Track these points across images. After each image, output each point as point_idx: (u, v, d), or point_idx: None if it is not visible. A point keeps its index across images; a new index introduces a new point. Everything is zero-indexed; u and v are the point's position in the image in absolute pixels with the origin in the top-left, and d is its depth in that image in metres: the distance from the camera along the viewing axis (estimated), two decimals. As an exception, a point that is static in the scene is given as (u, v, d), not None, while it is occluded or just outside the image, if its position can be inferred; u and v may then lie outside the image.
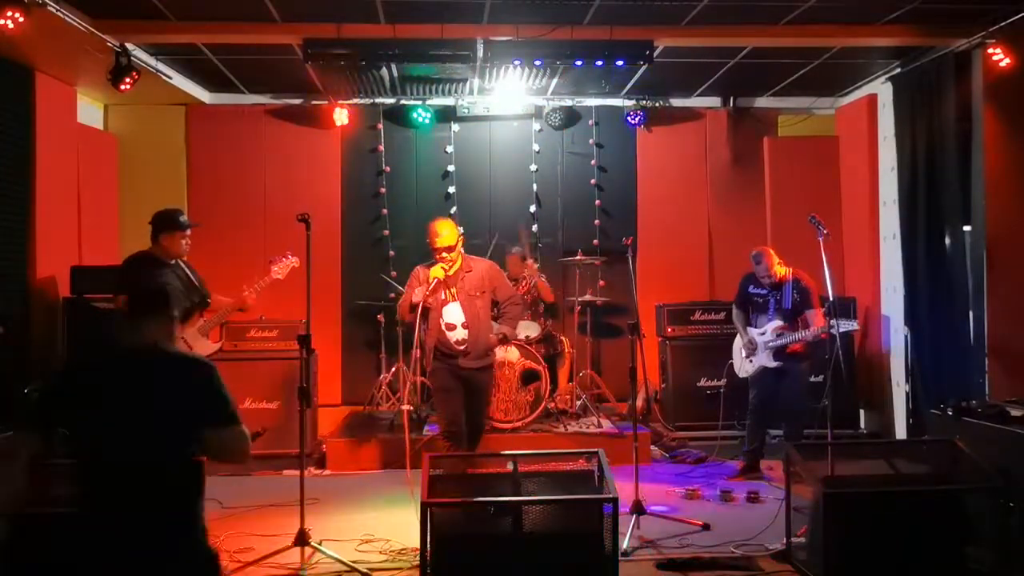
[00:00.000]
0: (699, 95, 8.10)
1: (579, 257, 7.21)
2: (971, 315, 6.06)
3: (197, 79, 7.47)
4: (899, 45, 6.47)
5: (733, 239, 7.87)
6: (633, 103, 7.90)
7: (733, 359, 6.32)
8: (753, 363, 6.02)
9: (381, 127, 7.96)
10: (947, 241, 6.27)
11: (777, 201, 8.01)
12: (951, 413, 4.65)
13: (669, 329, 7.47)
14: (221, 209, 7.67)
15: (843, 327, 5.22)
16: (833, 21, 6.02)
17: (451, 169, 8.01)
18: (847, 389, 6.21)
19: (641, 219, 8.15)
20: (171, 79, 6.96)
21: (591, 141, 8.14)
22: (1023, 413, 4.35)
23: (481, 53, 6.19)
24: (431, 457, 3.96)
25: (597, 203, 8.12)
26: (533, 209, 8.08)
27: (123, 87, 6.00)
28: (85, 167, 6.94)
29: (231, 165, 7.84)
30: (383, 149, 7.97)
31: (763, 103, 8.20)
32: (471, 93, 7.81)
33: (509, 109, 7.98)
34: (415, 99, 7.88)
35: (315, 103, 7.87)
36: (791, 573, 4.21)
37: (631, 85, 7.60)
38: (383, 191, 7.97)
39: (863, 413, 7.52)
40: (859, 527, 3.87)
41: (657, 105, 8.04)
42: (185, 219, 5.11)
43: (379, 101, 7.96)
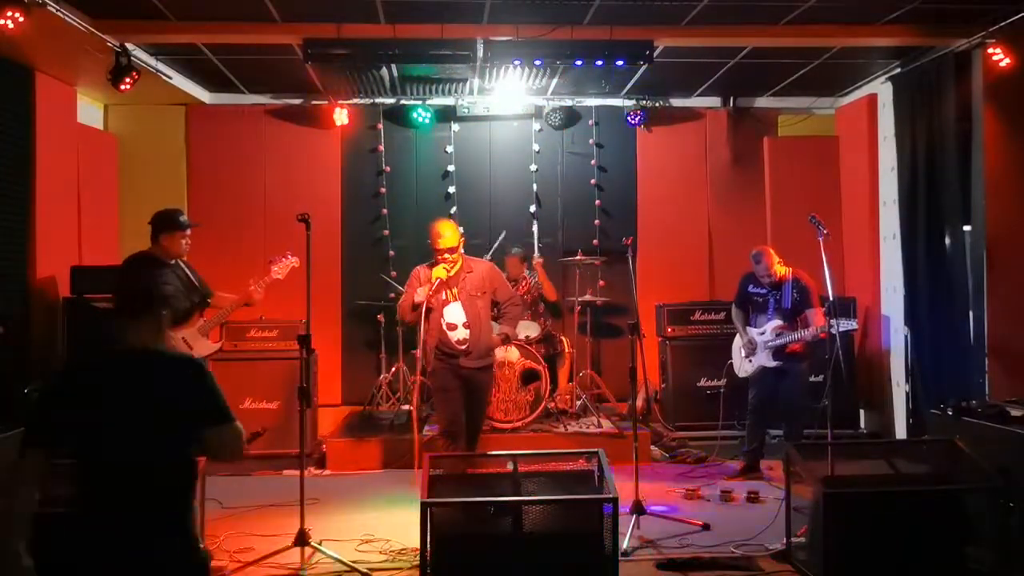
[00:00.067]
0: (699, 95, 8.09)
1: (579, 257, 7.20)
2: (971, 315, 6.06)
3: (197, 79, 7.47)
4: (899, 45, 6.47)
5: (733, 239, 7.87)
6: (633, 103, 7.90)
7: (732, 359, 6.32)
8: (753, 363, 6.02)
9: (381, 127, 7.96)
10: (947, 241, 6.27)
11: (777, 201, 8.01)
12: (951, 413, 4.65)
13: (669, 329, 7.47)
14: (221, 209, 7.66)
15: (843, 327, 5.22)
16: (833, 21, 6.02)
17: (451, 169, 8.00)
18: (847, 389, 6.21)
19: (641, 219, 8.15)
20: (171, 79, 6.96)
21: (591, 141, 8.14)
22: (1023, 413, 4.35)
23: (481, 53, 6.19)
24: (431, 457, 3.97)
25: (597, 203, 8.12)
26: (533, 209, 8.08)
27: (123, 87, 6.00)
28: (85, 167, 6.94)
29: (231, 165, 7.84)
30: (383, 149, 7.97)
31: (763, 103, 8.20)
32: (471, 93, 7.81)
33: (509, 109, 7.98)
34: (415, 99, 7.88)
35: (315, 103, 7.87)
36: (791, 573, 4.21)
37: (631, 85, 7.60)
38: (383, 191, 7.97)
39: (863, 413, 7.52)
40: (859, 527, 3.87)
41: (657, 105, 8.04)
42: (185, 219, 5.11)
43: (379, 101, 7.95)
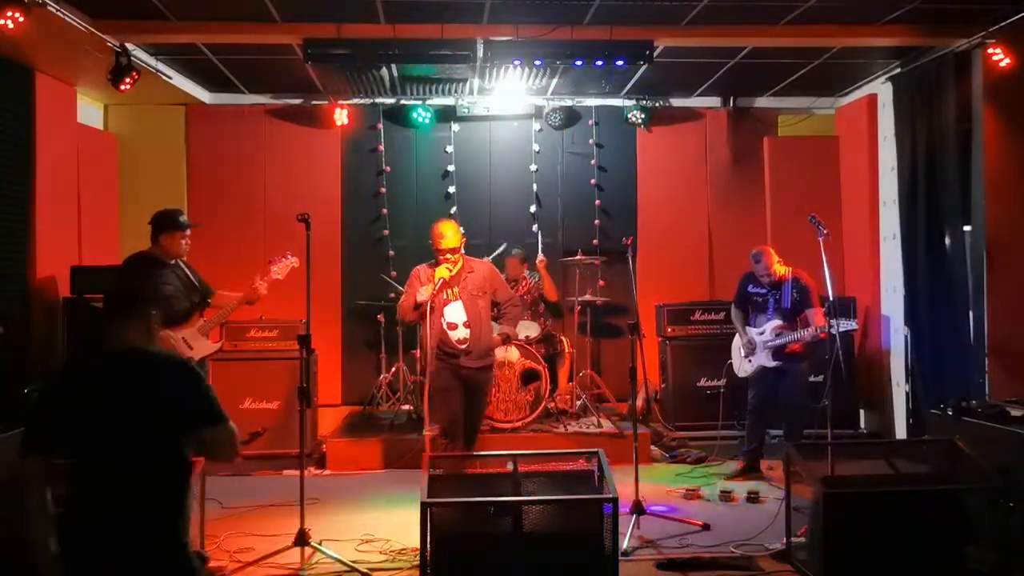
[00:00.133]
0: (699, 95, 8.09)
1: (579, 257, 7.20)
2: (971, 315, 6.06)
3: (197, 79, 7.47)
4: (899, 45, 6.46)
5: (733, 239, 7.87)
6: (633, 103, 7.90)
7: (732, 359, 6.32)
8: (752, 363, 6.02)
9: (381, 127, 7.96)
10: (947, 241, 6.27)
11: (777, 201, 8.01)
12: (951, 413, 4.65)
13: (669, 329, 7.46)
14: (221, 209, 7.66)
15: (843, 327, 5.22)
16: (833, 21, 6.02)
17: (451, 169, 8.00)
18: (847, 389, 6.20)
19: (641, 219, 8.15)
20: (171, 79, 6.96)
21: (591, 141, 8.14)
22: (1023, 413, 4.35)
23: (481, 53, 6.19)
24: (431, 457, 3.97)
25: (597, 203, 8.12)
26: (533, 209, 8.07)
27: (123, 87, 6.00)
28: (85, 167, 6.94)
29: (231, 165, 7.84)
30: (383, 149, 7.97)
31: (763, 103, 8.20)
32: (471, 93, 7.81)
33: (509, 109, 7.98)
34: (415, 99, 7.88)
35: (315, 103, 7.87)
36: (791, 573, 4.21)
37: (631, 85, 7.60)
38: (383, 191, 7.97)
39: (863, 413, 7.51)
40: (859, 527, 3.87)
41: (657, 105, 8.04)
42: (185, 219, 5.11)
43: (379, 101, 7.95)
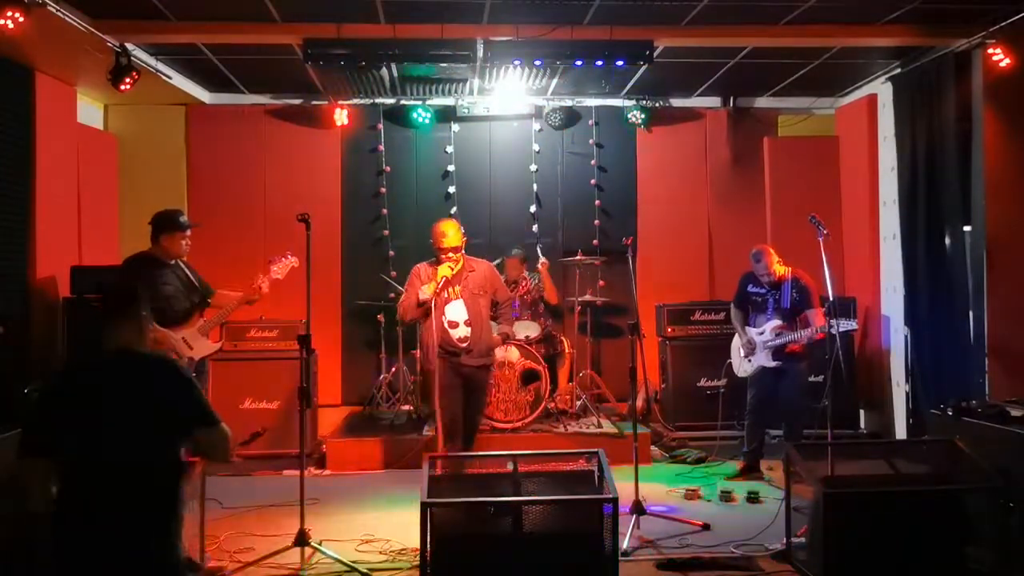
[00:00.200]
0: (699, 95, 8.10)
1: (579, 257, 7.20)
2: (971, 315, 6.06)
3: (197, 79, 7.47)
4: (899, 45, 6.46)
5: (733, 239, 7.87)
6: (633, 103, 7.90)
7: (732, 359, 6.31)
8: (752, 363, 6.02)
9: (381, 127, 7.96)
10: (947, 241, 6.27)
11: (777, 201, 8.01)
12: (951, 413, 4.65)
13: (669, 329, 7.46)
14: (221, 209, 7.66)
15: (843, 327, 5.22)
16: (833, 21, 6.02)
17: (451, 169, 8.00)
18: (847, 389, 6.20)
19: (641, 219, 8.15)
20: (171, 79, 6.96)
21: (591, 141, 8.14)
22: (1023, 413, 4.35)
23: (481, 53, 6.19)
24: (431, 457, 3.97)
25: (597, 203, 8.12)
26: (533, 209, 8.07)
27: (123, 87, 6.00)
28: (85, 167, 6.94)
29: (231, 165, 7.84)
30: (383, 149, 7.97)
31: (763, 103, 8.20)
32: (471, 93, 7.81)
33: (509, 109, 7.98)
34: (415, 99, 7.88)
35: (315, 103, 7.87)
36: (791, 573, 4.21)
37: (631, 85, 7.60)
38: (383, 191, 7.97)
39: (863, 413, 7.51)
40: (859, 527, 3.87)
41: (657, 105, 8.04)
42: (185, 220, 5.12)
43: (379, 101, 7.95)
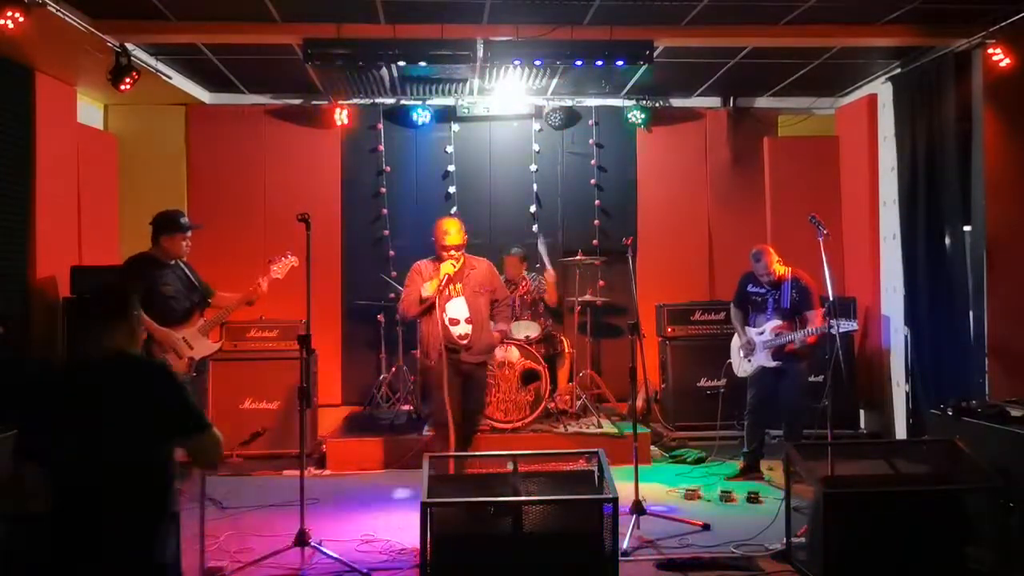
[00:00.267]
0: (699, 95, 8.09)
1: (579, 257, 7.21)
2: (971, 315, 6.05)
3: (197, 79, 7.47)
4: (899, 45, 6.46)
5: (733, 239, 7.86)
6: (633, 103, 7.90)
7: (732, 359, 6.32)
8: (752, 363, 6.02)
9: (381, 127, 7.95)
10: (947, 241, 6.26)
11: (777, 201, 8.01)
12: (951, 413, 4.65)
13: (669, 329, 7.46)
14: (221, 209, 7.66)
15: (843, 327, 5.22)
16: (833, 21, 6.01)
17: (451, 169, 8.00)
18: (847, 389, 6.20)
19: (641, 219, 8.15)
20: (171, 79, 6.96)
21: (591, 141, 8.13)
22: (1023, 413, 4.35)
23: (481, 53, 6.18)
24: (431, 457, 3.97)
25: (597, 203, 8.11)
26: (533, 209, 8.07)
27: (123, 87, 6.00)
28: (85, 167, 6.94)
29: (231, 165, 7.84)
30: (383, 149, 7.97)
31: (763, 103, 8.20)
32: (471, 93, 7.81)
33: (509, 109, 7.98)
34: (415, 99, 7.88)
35: (315, 103, 7.87)
36: (791, 573, 4.21)
37: (631, 85, 7.60)
38: (383, 191, 7.97)
39: (863, 413, 7.51)
40: (859, 527, 3.87)
41: (657, 105, 8.04)
42: (186, 221, 5.13)
43: (379, 101, 7.95)
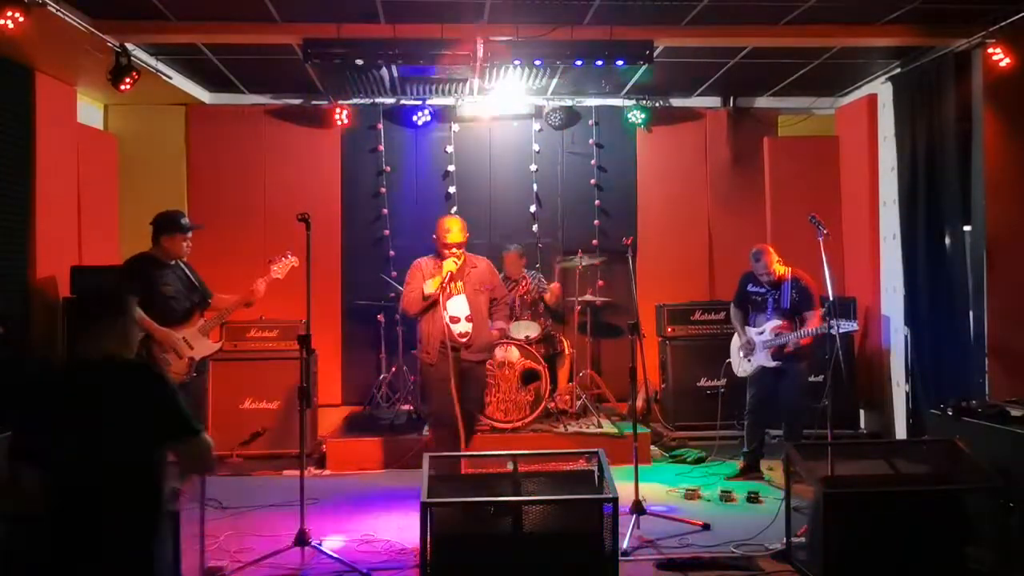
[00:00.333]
0: (699, 95, 8.09)
1: (579, 257, 7.20)
2: (971, 315, 6.05)
3: (197, 79, 7.47)
4: (899, 45, 6.46)
5: (733, 239, 7.86)
6: (633, 103, 7.90)
7: (731, 358, 6.32)
8: (752, 362, 6.02)
9: (381, 127, 7.95)
10: (947, 241, 6.26)
11: (777, 201, 8.01)
12: (951, 413, 4.65)
13: (669, 329, 7.46)
14: (221, 209, 7.66)
15: (843, 328, 5.22)
16: (833, 21, 6.01)
17: (451, 169, 8.00)
18: (847, 389, 6.20)
19: (641, 219, 8.15)
20: (171, 79, 6.96)
21: (591, 141, 8.13)
22: (1023, 413, 4.35)
23: (481, 53, 6.19)
24: (431, 457, 3.97)
25: (597, 203, 8.11)
26: (533, 209, 8.07)
27: (123, 87, 6.00)
28: (85, 167, 6.93)
29: (231, 165, 7.83)
30: (383, 149, 7.97)
31: (763, 103, 8.20)
32: (471, 93, 7.81)
33: (509, 109, 7.98)
34: (415, 99, 7.88)
35: (315, 103, 7.87)
36: (791, 573, 4.21)
37: (631, 85, 7.60)
38: (383, 191, 7.96)
39: (863, 413, 7.51)
40: (859, 527, 3.87)
41: (657, 105, 8.04)
42: (186, 221, 5.13)
43: (379, 101, 7.95)
